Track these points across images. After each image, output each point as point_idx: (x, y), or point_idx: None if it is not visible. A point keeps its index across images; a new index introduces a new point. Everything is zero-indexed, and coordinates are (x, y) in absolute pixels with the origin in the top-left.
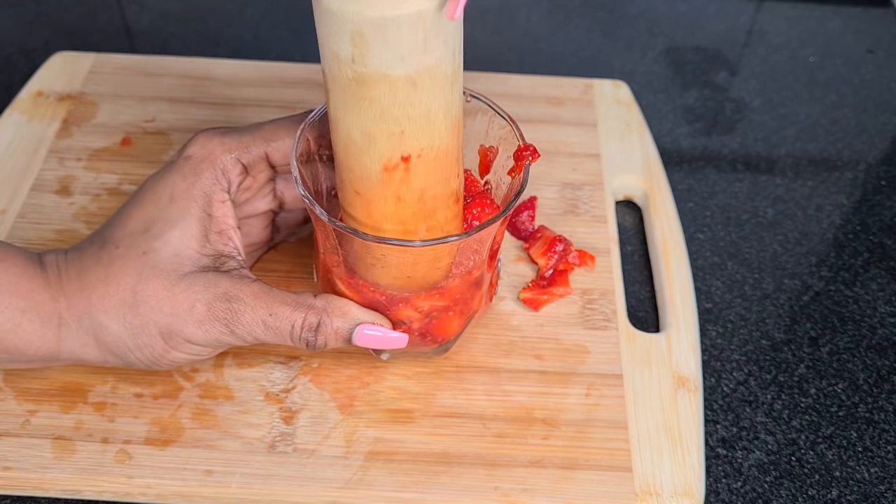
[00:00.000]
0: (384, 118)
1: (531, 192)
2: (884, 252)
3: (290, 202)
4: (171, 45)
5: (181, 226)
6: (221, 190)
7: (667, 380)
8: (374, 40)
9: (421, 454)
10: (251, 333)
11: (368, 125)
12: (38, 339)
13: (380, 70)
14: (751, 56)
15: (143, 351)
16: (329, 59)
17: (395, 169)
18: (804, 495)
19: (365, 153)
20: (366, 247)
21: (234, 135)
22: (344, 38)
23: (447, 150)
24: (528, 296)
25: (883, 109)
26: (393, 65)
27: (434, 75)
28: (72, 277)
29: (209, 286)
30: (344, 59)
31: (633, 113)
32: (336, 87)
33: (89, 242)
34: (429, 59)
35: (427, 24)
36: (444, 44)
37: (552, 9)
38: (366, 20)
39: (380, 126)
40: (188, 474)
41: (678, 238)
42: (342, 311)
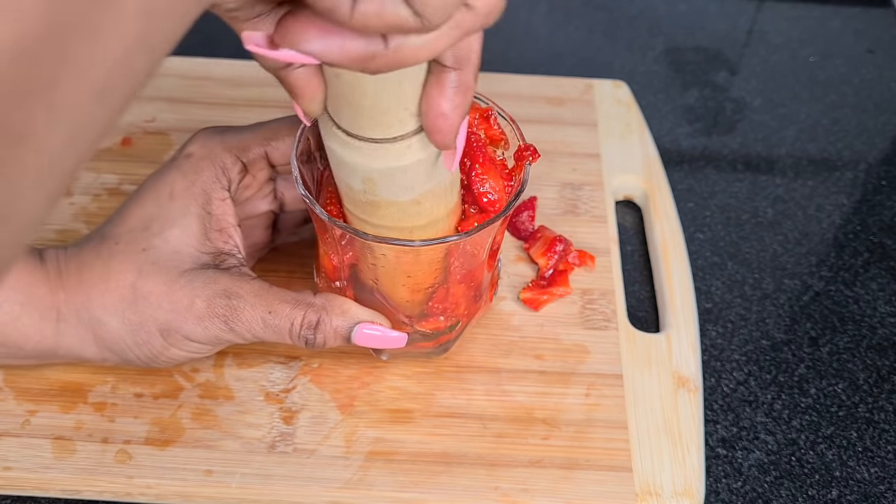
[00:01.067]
0: (394, 223)
1: (531, 192)
2: (884, 252)
3: (291, 203)
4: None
5: (181, 223)
6: (221, 188)
7: (667, 380)
8: (382, 182)
9: (421, 454)
10: (250, 331)
11: (380, 224)
12: (36, 334)
13: (388, 199)
14: (751, 56)
15: (142, 348)
16: (343, 185)
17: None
18: (804, 495)
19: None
20: (366, 246)
21: (234, 133)
22: (356, 179)
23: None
24: (528, 296)
25: (883, 109)
26: (400, 195)
27: (435, 192)
28: (71, 273)
29: (209, 283)
30: (357, 191)
31: (633, 113)
32: (350, 202)
33: (89, 239)
34: (430, 185)
35: (427, 166)
36: (443, 172)
37: (552, 9)
38: (374, 170)
39: (390, 227)
40: (188, 474)
41: (678, 238)
42: (342, 309)
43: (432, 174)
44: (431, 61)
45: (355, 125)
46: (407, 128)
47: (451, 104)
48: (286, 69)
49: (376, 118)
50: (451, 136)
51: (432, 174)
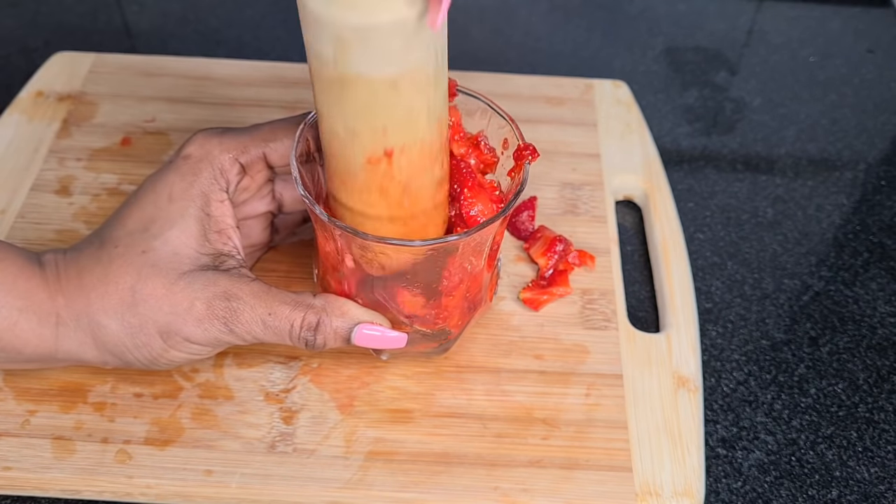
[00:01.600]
0: (366, 116)
1: (531, 192)
2: (884, 252)
3: (289, 204)
4: (171, 45)
5: (180, 225)
6: (220, 190)
7: (667, 380)
8: (356, 46)
9: (421, 454)
10: (250, 332)
11: (351, 121)
12: (36, 338)
13: (361, 72)
14: (751, 56)
15: (142, 350)
16: (313, 59)
17: (379, 162)
18: (804, 495)
19: (349, 147)
20: (364, 246)
21: (232, 135)
22: (327, 41)
23: (430, 144)
24: (528, 296)
25: (883, 109)
26: (374, 68)
27: (415, 77)
28: (70, 276)
29: (208, 285)
30: (327, 61)
31: (633, 113)
32: (320, 85)
33: (88, 242)
34: (410, 63)
35: (407, 31)
36: (426, 47)
37: (552, 9)
38: (347, 26)
39: (362, 123)
40: (188, 474)
41: (678, 238)
42: (341, 310)
43: (412, 47)
44: None
45: None
46: None
47: None
48: None
49: None
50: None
51: (412, 47)
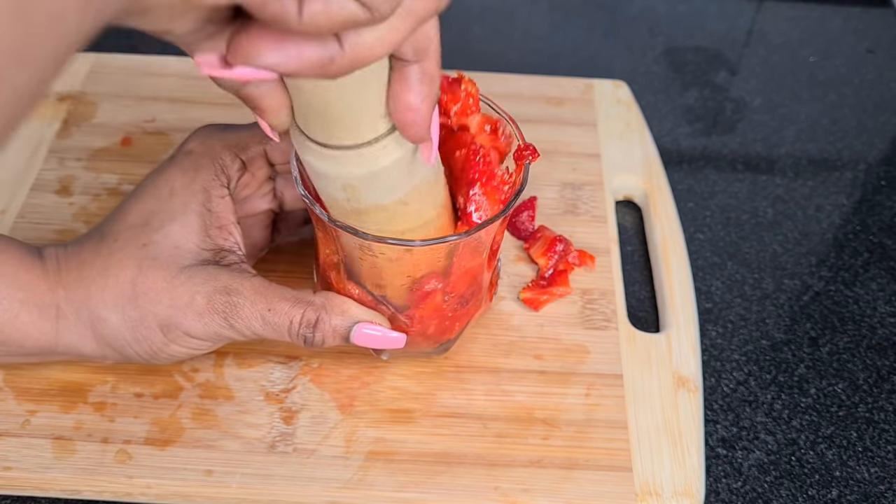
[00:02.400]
0: (383, 230)
1: (531, 192)
2: (884, 252)
3: (290, 202)
4: (171, 45)
5: (181, 220)
6: (221, 185)
7: (667, 380)
8: (364, 188)
9: (421, 454)
10: (249, 328)
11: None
12: (36, 331)
13: (373, 203)
14: (751, 56)
15: (142, 344)
16: (326, 199)
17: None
18: (804, 495)
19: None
20: (363, 250)
21: (233, 131)
22: (337, 189)
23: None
24: (528, 296)
25: (883, 109)
26: (384, 197)
27: (420, 189)
28: (71, 269)
29: (209, 279)
30: (339, 200)
31: (633, 113)
32: (335, 212)
33: (88, 236)
34: (414, 182)
35: (406, 163)
36: (424, 167)
37: (552, 9)
38: (354, 177)
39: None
40: (188, 474)
41: (678, 238)
42: (341, 308)
43: (413, 171)
44: (393, 59)
45: (327, 135)
46: (380, 129)
47: (418, 96)
48: (245, 85)
49: (347, 124)
50: (424, 128)
51: (413, 171)
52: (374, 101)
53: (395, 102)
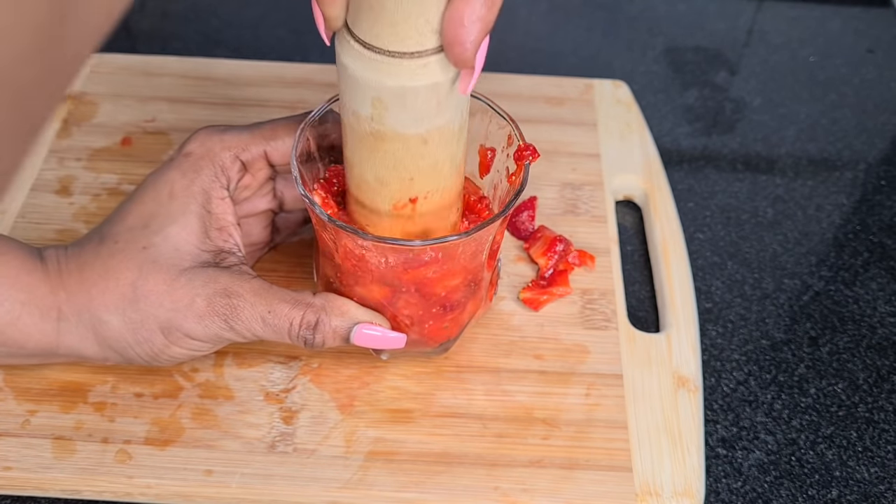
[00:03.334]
0: (396, 167)
1: (531, 192)
2: (884, 252)
3: (290, 202)
4: (171, 45)
5: (181, 222)
6: (220, 187)
7: (667, 380)
8: (393, 105)
9: (421, 454)
10: (250, 329)
11: (382, 172)
12: (38, 333)
13: (395, 129)
14: (751, 56)
15: (143, 346)
16: (349, 114)
17: (404, 208)
18: (804, 495)
19: (377, 194)
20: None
21: (233, 133)
22: (365, 101)
23: (450, 190)
24: (528, 296)
25: (883, 109)
26: (408, 125)
27: (443, 133)
28: (72, 272)
29: (209, 281)
30: (363, 118)
31: (633, 113)
32: (353, 137)
33: (89, 238)
34: (440, 121)
35: (441, 94)
36: (455, 107)
37: (552, 9)
38: (386, 88)
39: (392, 173)
40: (188, 474)
41: (678, 238)
42: (341, 309)
43: (444, 106)
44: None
45: (372, 33)
46: (425, 44)
47: (473, 15)
48: None
49: (397, 25)
50: (472, 50)
51: (444, 106)
52: (429, 8)
53: (450, 15)
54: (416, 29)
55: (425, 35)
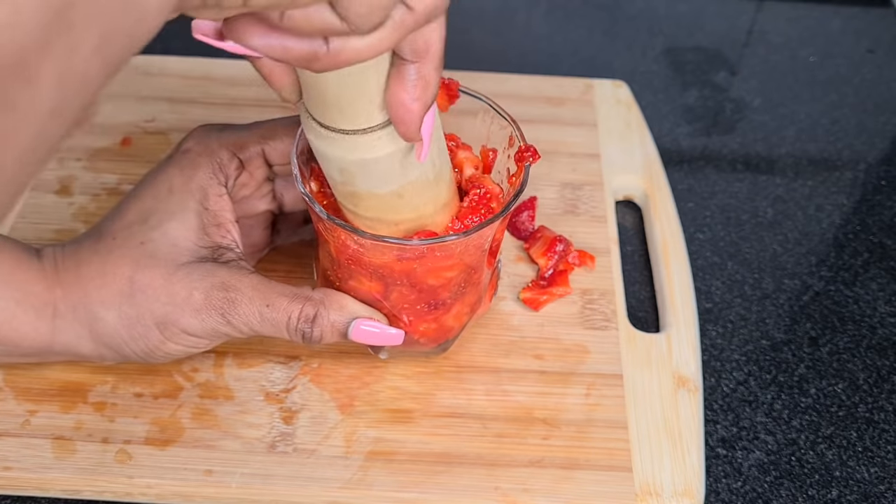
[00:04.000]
0: (379, 217)
1: (531, 192)
2: (884, 252)
3: (290, 204)
4: (171, 45)
5: (179, 218)
6: (218, 184)
7: (667, 380)
8: (359, 173)
9: (421, 454)
10: (248, 324)
11: (368, 220)
12: (32, 331)
13: (369, 190)
14: (751, 56)
15: (138, 342)
16: (327, 178)
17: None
18: (804, 495)
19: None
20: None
21: (231, 131)
22: (334, 169)
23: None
24: (528, 296)
25: (883, 109)
26: (379, 186)
27: (417, 185)
28: (69, 268)
29: (207, 276)
30: (338, 182)
31: (633, 113)
32: (336, 192)
33: (87, 236)
34: (411, 177)
35: (399, 159)
36: (422, 164)
37: (552, 9)
38: (348, 161)
39: (376, 221)
40: (188, 474)
41: (678, 238)
42: (339, 304)
43: (408, 167)
44: (394, 54)
45: (326, 116)
46: (375, 120)
47: (411, 96)
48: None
49: (343, 110)
50: (415, 127)
51: (408, 167)
52: (370, 91)
53: (390, 98)
54: (363, 109)
55: (373, 113)
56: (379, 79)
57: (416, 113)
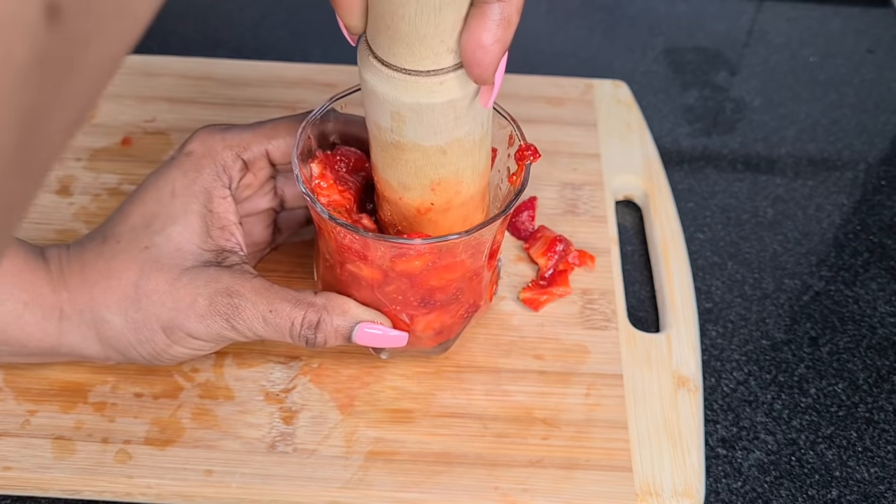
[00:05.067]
0: (418, 175)
1: (531, 192)
2: (884, 252)
3: (291, 200)
4: (171, 45)
5: (183, 221)
6: (222, 186)
7: (667, 380)
8: (410, 120)
9: (421, 454)
10: (251, 329)
11: (404, 178)
12: (39, 332)
13: (415, 141)
14: (751, 56)
15: (145, 346)
16: (371, 125)
17: (428, 211)
18: (804, 495)
19: (401, 197)
20: (367, 244)
21: (234, 131)
22: (385, 114)
23: (474, 196)
24: (528, 296)
25: (883, 109)
26: (427, 138)
27: (462, 144)
28: (74, 272)
29: (211, 281)
30: (384, 129)
31: (633, 113)
32: (376, 145)
33: (91, 238)
34: (459, 133)
35: (458, 109)
36: (474, 119)
37: (552, 9)
38: (403, 104)
39: (413, 180)
40: (188, 474)
41: (678, 238)
42: (342, 308)
43: (463, 120)
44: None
45: (390, 52)
46: (442, 63)
47: (492, 36)
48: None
49: (412, 46)
50: (491, 69)
51: (463, 120)
52: (444, 29)
53: (467, 37)
54: (432, 49)
55: (441, 55)
56: (456, 18)
57: (495, 54)
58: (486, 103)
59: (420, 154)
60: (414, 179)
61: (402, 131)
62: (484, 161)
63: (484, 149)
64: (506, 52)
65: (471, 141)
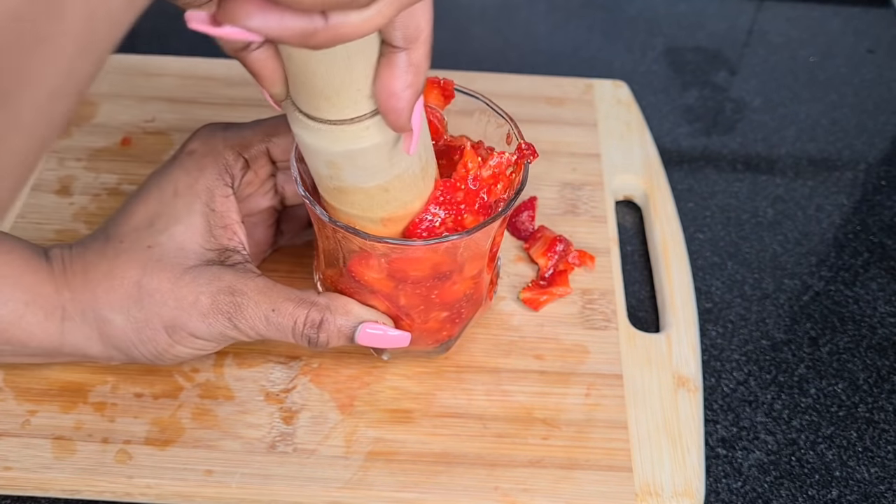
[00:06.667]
0: (365, 211)
1: (531, 192)
2: (884, 252)
3: (292, 197)
4: (171, 45)
5: (185, 221)
6: (224, 185)
7: (667, 380)
8: (345, 166)
9: (421, 454)
10: (254, 328)
11: (354, 218)
12: (41, 332)
13: (355, 184)
14: (751, 56)
15: (147, 345)
16: (313, 173)
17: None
18: (804, 495)
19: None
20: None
21: (235, 130)
22: (321, 163)
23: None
24: (528, 296)
25: (883, 109)
26: (365, 180)
27: (403, 179)
28: (76, 271)
29: (213, 280)
30: (323, 176)
31: (633, 113)
32: (322, 189)
33: (93, 238)
34: (396, 171)
35: (387, 151)
36: (409, 157)
37: (552, 9)
38: (335, 153)
39: (361, 217)
40: (188, 474)
41: (678, 238)
42: (345, 309)
43: (395, 160)
44: (383, 44)
45: (312, 107)
46: (361, 109)
47: (402, 84)
48: (245, 52)
49: (330, 99)
50: (405, 116)
51: (395, 160)
52: (358, 79)
53: (379, 87)
54: (350, 98)
55: (360, 102)
56: (367, 66)
57: (407, 101)
58: (408, 149)
59: (363, 195)
60: (363, 217)
61: (340, 177)
62: (429, 188)
63: (428, 177)
64: (419, 97)
65: (411, 175)
